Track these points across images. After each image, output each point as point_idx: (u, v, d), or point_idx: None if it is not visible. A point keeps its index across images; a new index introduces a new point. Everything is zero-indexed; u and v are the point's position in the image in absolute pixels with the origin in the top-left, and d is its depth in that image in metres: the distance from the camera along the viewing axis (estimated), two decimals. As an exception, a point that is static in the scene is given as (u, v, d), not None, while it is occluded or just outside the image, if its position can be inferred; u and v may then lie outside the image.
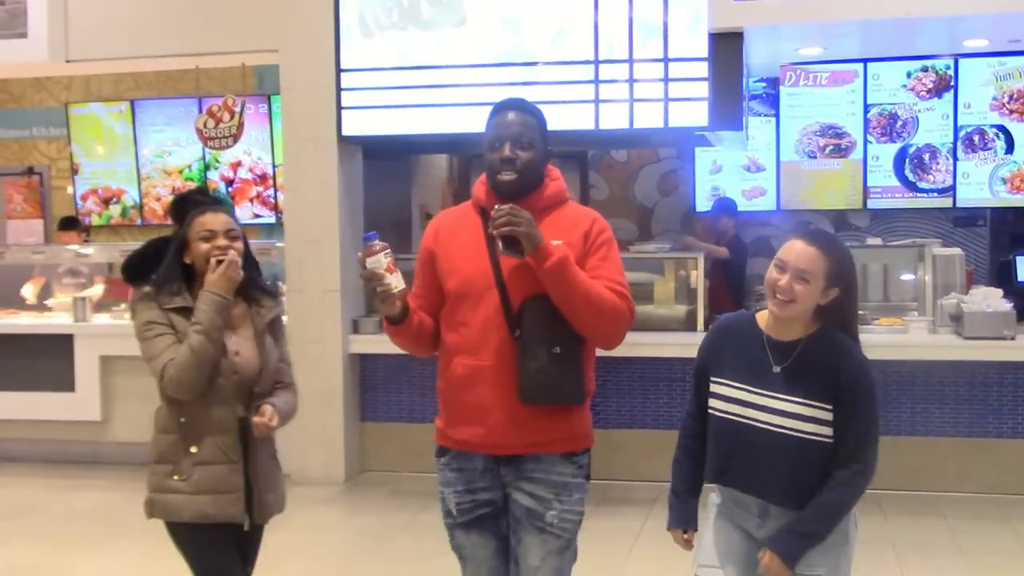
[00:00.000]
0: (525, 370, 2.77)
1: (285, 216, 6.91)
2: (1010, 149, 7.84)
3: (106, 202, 9.81)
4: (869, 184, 8.13)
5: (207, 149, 8.74)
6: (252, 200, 9.34)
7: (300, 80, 6.56)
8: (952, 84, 7.90)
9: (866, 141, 8.10)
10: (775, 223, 8.68)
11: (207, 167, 9.52)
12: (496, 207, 2.73)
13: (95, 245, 8.45)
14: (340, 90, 6.47)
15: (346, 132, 6.50)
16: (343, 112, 6.47)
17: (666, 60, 6.04)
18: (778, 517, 2.70)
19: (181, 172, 9.59)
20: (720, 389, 2.76)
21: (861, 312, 6.37)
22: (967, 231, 8.40)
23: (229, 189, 9.47)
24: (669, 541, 2.92)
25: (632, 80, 6.08)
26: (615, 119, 6.14)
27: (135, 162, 9.65)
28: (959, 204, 8.06)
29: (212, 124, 7.38)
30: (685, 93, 6.03)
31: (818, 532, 2.66)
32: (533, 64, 6.20)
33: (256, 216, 9.45)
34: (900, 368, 5.98)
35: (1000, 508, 5.73)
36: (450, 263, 2.91)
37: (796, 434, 2.65)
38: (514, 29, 6.23)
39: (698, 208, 8.62)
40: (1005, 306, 5.77)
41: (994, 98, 7.84)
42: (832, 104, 8.13)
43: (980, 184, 7.93)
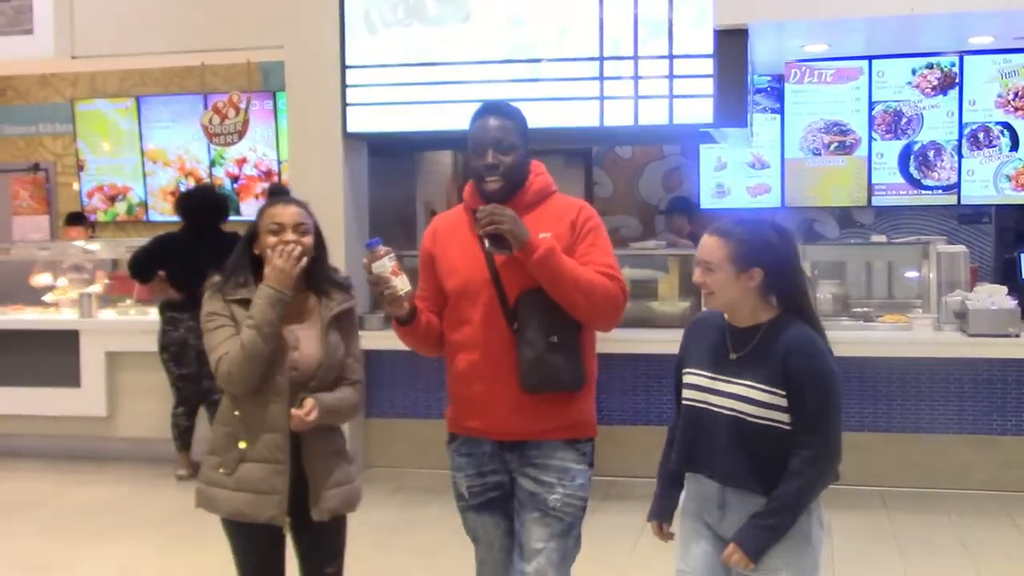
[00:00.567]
0: (524, 360, 2.89)
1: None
2: (1015, 146, 7.83)
3: (112, 199, 9.84)
4: (874, 181, 8.12)
5: (212, 145, 8.75)
6: (257, 196, 9.35)
7: (305, 77, 6.57)
8: (957, 81, 7.90)
9: (871, 138, 8.09)
10: (779, 220, 8.68)
11: (212, 163, 9.54)
12: (479, 208, 2.87)
13: (101, 241, 8.47)
14: (345, 87, 6.47)
15: (351, 129, 6.51)
16: (348, 109, 6.48)
17: (671, 57, 6.04)
18: (736, 508, 2.72)
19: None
20: (688, 379, 2.84)
21: (866, 309, 6.48)
22: (972, 228, 8.39)
23: (234, 185, 9.49)
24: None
25: (637, 77, 6.09)
26: (620, 116, 6.14)
27: (140, 158, 9.67)
28: (964, 201, 8.05)
29: (217, 120, 7.40)
30: (690, 90, 6.03)
31: (778, 525, 2.67)
32: (538, 61, 6.21)
33: (261, 213, 9.46)
34: (904, 365, 5.98)
35: (1004, 505, 5.73)
36: (448, 264, 3.04)
37: (749, 418, 2.69)
38: (519, 26, 6.24)
39: (703, 205, 8.63)
40: (1010, 303, 5.76)
41: (999, 95, 7.83)
42: (837, 101, 8.12)
43: (985, 181, 7.92)
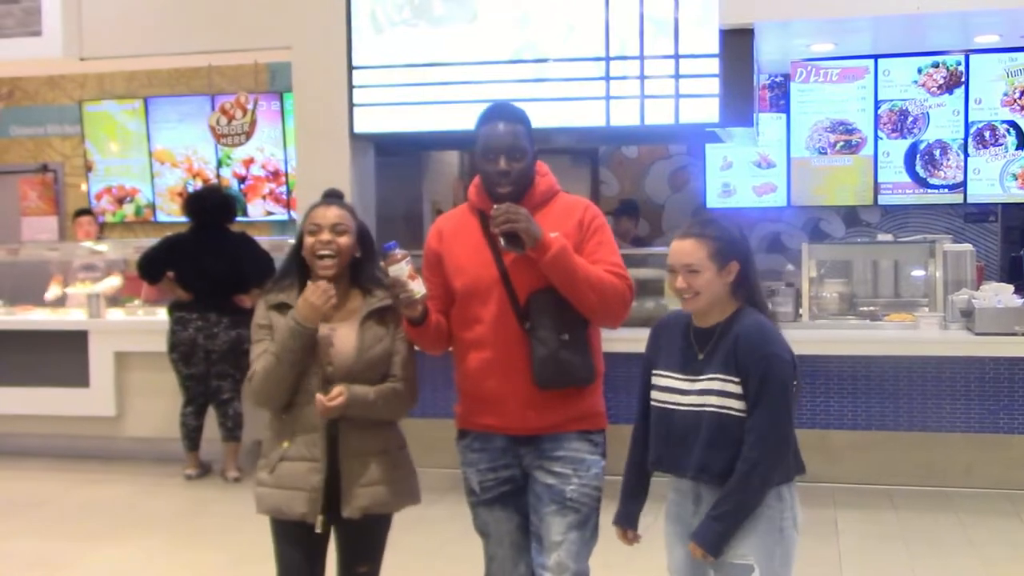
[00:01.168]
0: (538, 358, 2.92)
1: (298, 212, 6.95)
2: (1021, 145, 7.84)
3: (120, 201, 9.87)
4: (880, 180, 8.13)
5: (219, 146, 8.78)
6: (265, 197, 9.38)
7: (312, 77, 6.59)
8: (963, 80, 7.90)
9: (877, 137, 8.10)
10: (785, 219, 8.70)
11: (219, 164, 9.57)
12: (495, 207, 2.88)
13: (109, 241, 8.51)
14: (352, 87, 6.50)
15: (358, 129, 6.53)
16: (355, 109, 6.50)
17: (677, 56, 6.05)
18: (709, 503, 2.76)
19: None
20: (657, 380, 2.89)
21: (872, 308, 6.49)
22: (978, 227, 8.40)
23: (241, 186, 9.52)
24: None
25: (643, 76, 6.10)
26: (626, 115, 6.16)
27: (148, 159, 9.71)
28: (970, 200, 8.06)
29: (225, 121, 7.43)
30: (696, 89, 6.04)
31: (727, 514, 2.70)
32: (544, 61, 6.23)
33: (269, 213, 9.50)
34: (911, 364, 5.98)
35: (1011, 503, 5.73)
36: (455, 263, 3.06)
37: (711, 409, 2.74)
38: (525, 25, 6.25)
39: (708, 204, 8.64)
40: (1016, 302, 5.76)
41: (1005, 94, 7.84)
42: (843, 100, 8.13)
43: (991, 180, 7.93)
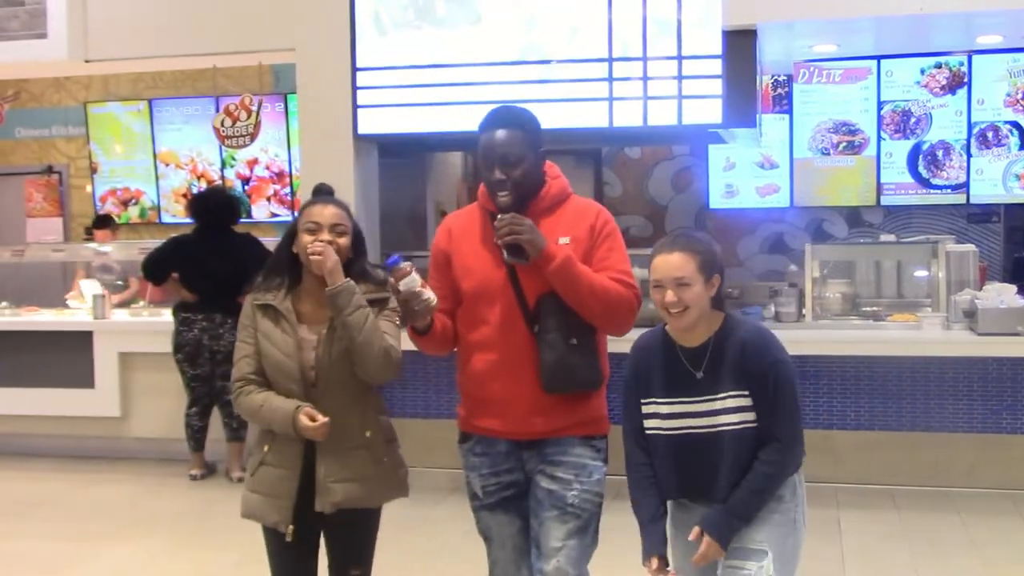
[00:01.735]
0: (546, 363, 2.90)
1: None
2: (1023, 145, 7.84)
3: (125, 204, 9.90)
4: (883, 181, 8.14)
5: (224, 148, 8.81)
6: (269, 199, 9.40)
7: (316, 79, 6.61)
8: (966, 81, 7.90)
9: (879, 138, 8.11)
10: (788, 220, 8.71)
11: (224, 165, 9.59)
12: (498, 217, 2.87)
13: (114, 243, 8.54)
14: (356, 88, 6.51)
15: (362, 130, 6.54)
16: (359, 110, 6.51)
17: (680, 58, 6.06)
18: (711, 505, 2.80)
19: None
20: (655, 409, 2.84)
21: (875, 308, 6.51)
22: (981, 227, 8.40)
23: (245, 187, 9.54)
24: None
25: (646, 78, 6.10)
26: (629, 116, 6.16)
27: (153, 160, 9.73)
28: (973, 200, 8.06)
29: (229, 123, 7.45)
30: (699, 90, 6.04)
31: (745, 514, 2.75)
32: (547, 62, 6.23)
33: (273, 214, 9.52)
34: (914, 364, 5.99)
35: (1013, 503, 5.73)
36: (464, 263, 3.03)
37: (729, 427, 2.75)
38: (529, 27, 6.26)
39: (712, 205, 8.65)
40: (1019, 302, 5.76)
41: (1008, 95, 7.84)
42: (845, 101, 8.14)
43: (994, 181, 7.93)
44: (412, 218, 7.82)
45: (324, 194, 3.23)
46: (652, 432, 2.85)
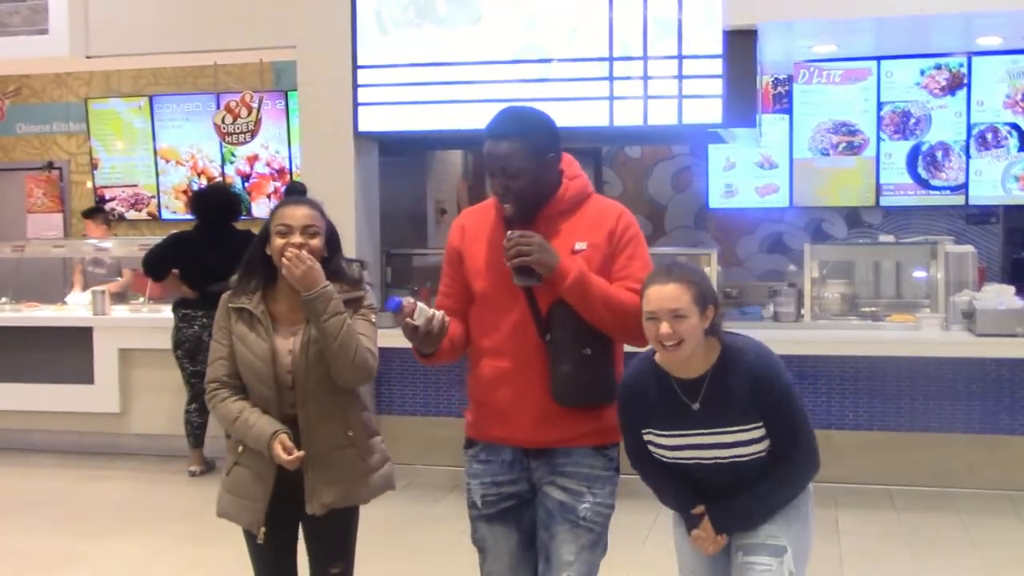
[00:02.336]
0: (558, 374, 2.78)
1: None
2: (1023, 147, 7.86)
3: (133, 205, 9.91)
4: (882, 181, 8.15)
5: (224, 144, 8.81)
6: (269, 196, 9.40)
7: (317, 76, 6.62)
8: (965, 82, 7.92)
9: (879, 138, 8.12)
10: (788, 220, 8.72)
11: (224, 161, 9.59)
12: (507, 236, 2.72)
13: (115, 239, 8.55)
14: (356, 86, 6.52)
15: (362, 128, 6.55)
16: (359, 108, 6.52)
17: (680, 57, 6.07)
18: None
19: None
20: (655, 439, 2.81)
21: (874, 309, 6.51)
22: (980, 228, 8.41)
23: (246, 184, 9.54)
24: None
25: (646, 77, 6.11)
26: (629, 116, 6.17)
27: (153, 157, 9.74)
28: (972, 201, 8.08)
29: (230, 120, 7.46)
30: (699, 90, 6.05)
31: (756, 516, 2.78)
32: (548, 61, 6.24)
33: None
34: (912, 365, 5.99)
35: (1012, 504, 5.75)
36: (475, 265, 2.92)
37: (745, 458, 2.74)
38: (529, 26, 6.27)
39: (711, 205, 8.66)
40: (1017, 303, 5.77)
41: (1007, 96, 7.86)
42: (845, 101, 8.15)
43: (993, 182, 7.95)
44: (412, 216, 7.82)
45: (297, 194, 3.20)
46: (658, 458, 2.84)
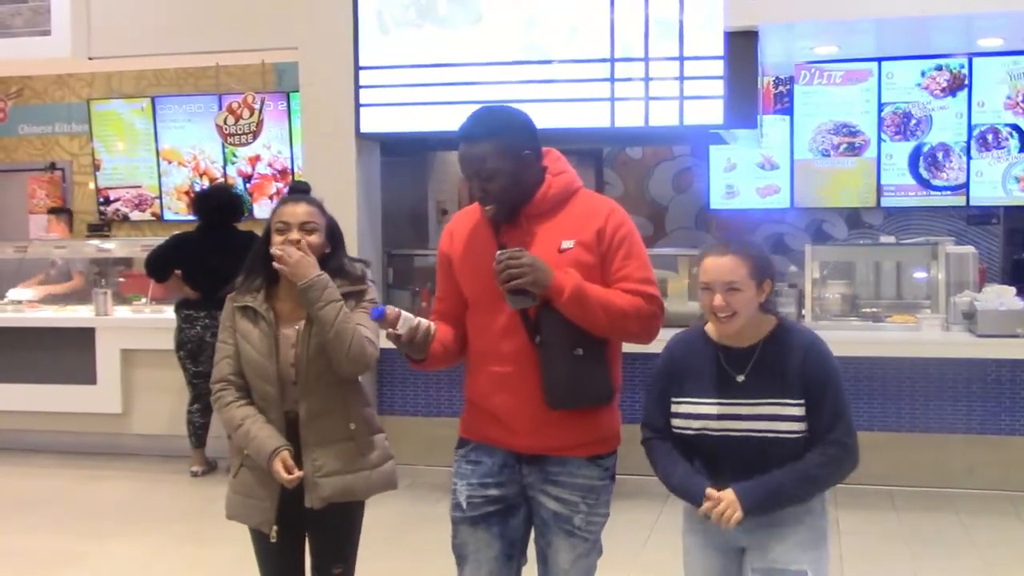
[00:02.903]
0: (549, 377, 2.71)
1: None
2: (1023, 148, 7.86)
3: (137, 206, 9.93)
4: (883, 182, 8.15)
5: (226, 145, 8.82)
6: (271, 197, 9.40)
7: (319, 77, 6.63)
8: (966, 83, 7.92)
9: (880, 139, 8.12)
10: (788, 221, 8.73)
11: (226, 162, 9.60)
12: (496, 257, 2.64)
13: (116, 240, 8.57)
14: (358, 87, 6.53)
15: (364, 129, 6.56)
16: (361, 109, 6.54)
17: (681, 58, 6.08)
18: (751, 517, 2.68)
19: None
20: (686, 408, 2.76)
21: (875, 309, 6.52)
22: (980, 229, 8.41)
23: (247, 184, 9.55)
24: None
25: (647, 78, 6.12)
26: (630, 117, 6.18)
27: (155, 158, 9.75)
28: (972, 202, 8.07)
29: (232, 121, 7.47)
30: (700, 91, 6.06)
31: (787, 495, 2.67)
32: (549, 62, 6.25)
33: (275, 212, 9.51)
34: (913, 365, 6.01)
35: (1012, 504, 5.76)
36: (462, 269, 2.89)
37: (776, 435, 2.68)
38: (530, 27, 6.28)
39: (712, 206, 8.66)
40: (1018, 304, 5.79)
41: (1008, 97, 7.85)
42: (846, 102, 8.14)
43: (993, 183, 7.94)
44: (414, 217, 7.84)
45: (298, 192, 3.22)
46: (680, 432, 2.77)
